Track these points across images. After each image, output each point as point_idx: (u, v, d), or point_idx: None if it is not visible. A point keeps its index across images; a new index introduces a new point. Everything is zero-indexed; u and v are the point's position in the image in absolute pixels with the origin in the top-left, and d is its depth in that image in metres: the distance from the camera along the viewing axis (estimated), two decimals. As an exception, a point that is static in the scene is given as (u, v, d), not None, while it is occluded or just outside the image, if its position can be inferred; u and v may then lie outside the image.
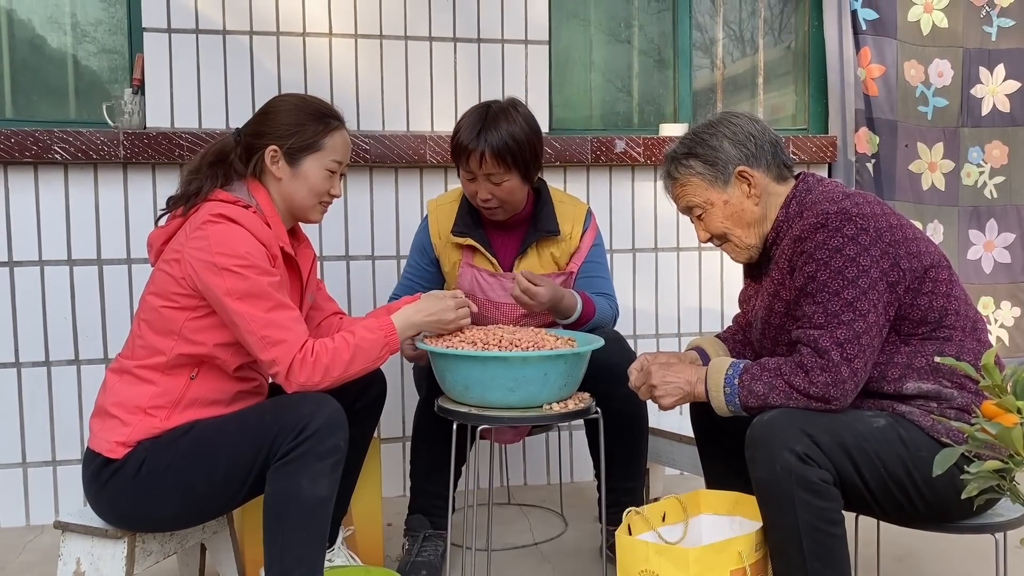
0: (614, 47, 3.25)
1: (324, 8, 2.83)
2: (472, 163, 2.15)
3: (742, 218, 1.76)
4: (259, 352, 1.68)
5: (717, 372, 1.69)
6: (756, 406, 1.63)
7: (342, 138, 1.86)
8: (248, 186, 1.81)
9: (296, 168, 1.81)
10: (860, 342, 1.57)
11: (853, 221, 1.60)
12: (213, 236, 1.67)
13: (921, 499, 1.57)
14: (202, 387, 1.73)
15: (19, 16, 2.76)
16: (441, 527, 2.21)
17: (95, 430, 1.72)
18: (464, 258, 2.31)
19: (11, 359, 2.64)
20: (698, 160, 1.76)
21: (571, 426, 3.01)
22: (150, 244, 1.81)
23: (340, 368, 1.72)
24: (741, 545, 1.58)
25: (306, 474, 1.60)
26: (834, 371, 1.57)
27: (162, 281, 1.72)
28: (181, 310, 1.70)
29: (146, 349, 1.72)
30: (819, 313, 1.60)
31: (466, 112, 2.23)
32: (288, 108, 1.84)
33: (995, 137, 3.34)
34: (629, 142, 2.99)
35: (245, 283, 1.65)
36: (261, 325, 1.66)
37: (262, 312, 1.66)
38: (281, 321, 1.68)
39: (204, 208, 1.72)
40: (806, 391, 1.58)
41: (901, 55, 3.24)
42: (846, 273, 1.58)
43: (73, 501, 2.68)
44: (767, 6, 3.38)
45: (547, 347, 1.89)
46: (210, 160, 1.81)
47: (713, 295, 3.17)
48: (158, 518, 1.72)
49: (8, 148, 2.55)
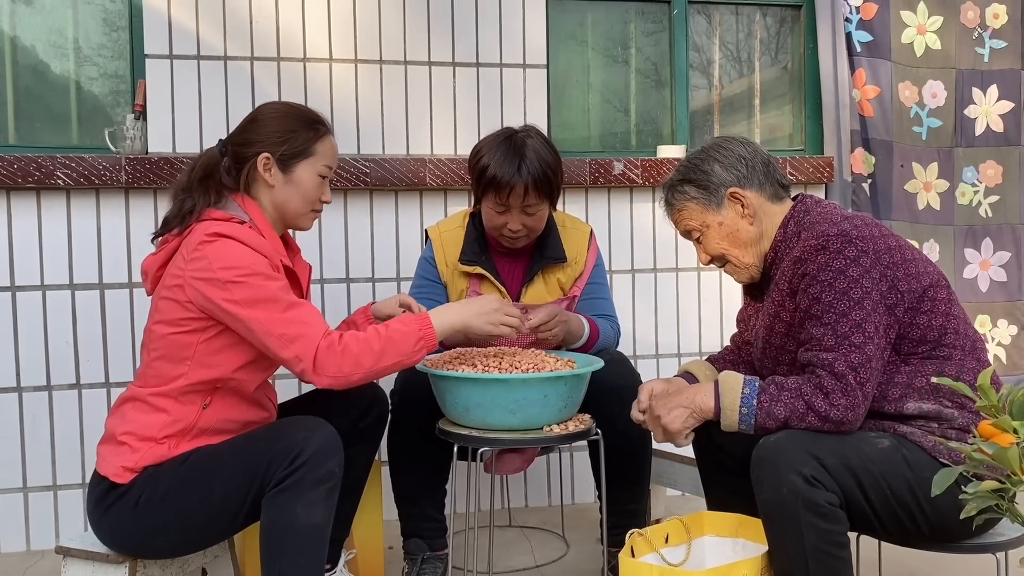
0: (612, 69, 3.28)
1: (324, 34, 2.86)
2: (513, 197, 2.11)
3: (738, 238, 1.79)
4: (280, 351, 1.64)
5: (732, 390, 1.68)
6: (772, 427, 1.63)
7: (331, 144, 1.87)
8: (239, 201, 1.78)
9: (289, 175, 1.80)
10: (871, 366, 1.59)
11: (854, 243, 1.62)
12: (212, 254, 1.65)
13: (924, 519, 1.57)
14: (213, 416, 1.72)
15: (22, 42, 2.79)
16: (438, 548, 2.21)
17: (104, 454, 1.72)
18: (471, 286, 2.28)
19: (12, 383, 2.65)
20: (692, 185, 1.81)
21: (572, 447, 3.01)
22: (145, 272, 1.79)
23: (371, 359, 1.66)
24: (746, 568, 1.57)
25: (301, 501, 1.60)
26: (852, 395, 1.58)
27: (167, 309, 1.70)
28: (192, 333, 1.69)
29: (158, 377, 1.71)
30: (829, 336, 1.61)
31: (485, 144, 2.19)
32: (277, 115, 1.83)
33: (989, 157, 3.37)
34: (627, 164, 3.02)
35: (252, 291, 1.64)
36: (278, 324, 1.63)
37: (277, 313, 1.64)
38: (298, 317, 1.65)
39: (198, 229, 1.70)
40: (826, 414, 1.58)
41: (895, 76, 3.27)
42: (851, 294, 1.60)
43: (74, 526, 2.67)
44: (763, 27, 3.42)
45: (547, 369, 1.89)
46: (199, 176, 1.78)
47: (712, 315, 3.18)
48: (157, 546, 1.71)
49: (11, 174, 2.56)
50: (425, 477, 2.18)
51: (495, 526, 2.68)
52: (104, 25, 2.84)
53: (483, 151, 2.17)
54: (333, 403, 1.94)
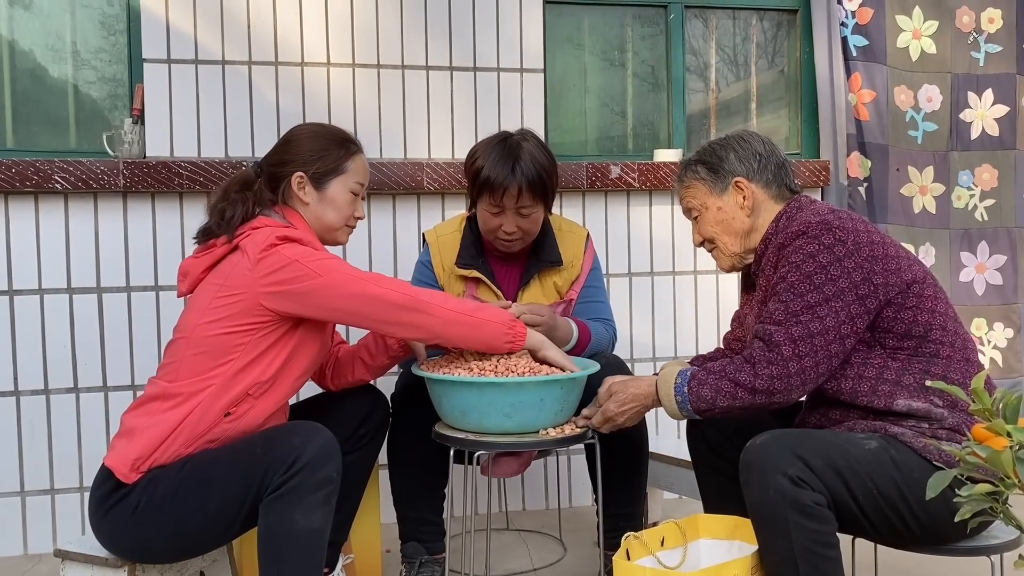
0: (608, 73, 3.29)
1: (322, 38, 2.87)
2: (507, 198, 2.13)
3: (731, 226, 1.85)
4: (403, 312, 1.75)
5: (666, 381, 1.76)
6: (707, 410, 1.70)
7: (362, 161, 1.92)
8: (281, 212, 1.85)
9: (323, 192, 1.86)
10: (813, 342, 1.62)
11: (832, 232, 1.67)
12: (291, 253, 1.71)
13: (916, 521, 1.58)
14: (232, 428, 1.71)
15: (20, 46, 2.80)
16: (436, 552, 2.21)
17: (118, 448, 1.70)
18: (468, 290, 2.29)
19: (10, 387, 2.65)
20: (704, 166, 1.89)
21: (569, 451, 3.02)
22: (185, 272, 1.81)
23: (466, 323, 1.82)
24: (737, 568, 1.58)
25: (299, 507, 1.60)
26: (782, 365, 1.63)
27: (221, 307, 1.71)
28: (247, 333, 1.71)
29: (192, 370, 1.71)
30: (779, 311, 1.66)
31: (481, 147, 2.20)
32: (309, 135, 1.89)
33: (985, 161, 3.38)
34: (624, 168, 3.03)
35: (337, 261, 1.74)
36: (397, 285, 1.77)
37: (387, 279, 1.77)
38: (385, 281, 1.78)
39: (258, 236, 1.73)
40: (751, 385, 1.64)
41: (891, 81, 3.29)
42: (814, 279, 1.65)
43: (72, 529, 2.67)
44: (760, 31, 3.43)
45: (543, 372, 1.90)
46: (236, 188, 1.85)
47: (709, 318, 3.19)
48: (155, 550, 1.71)
49: (9, 178, 2.57)
50: (424, 481, 2.18)
51: (492, 529, 2.68)
52: (102, 29, 2.85)
53: (479, 153, 2.19)
54: (335, 408, 1.94)
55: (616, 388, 1.88)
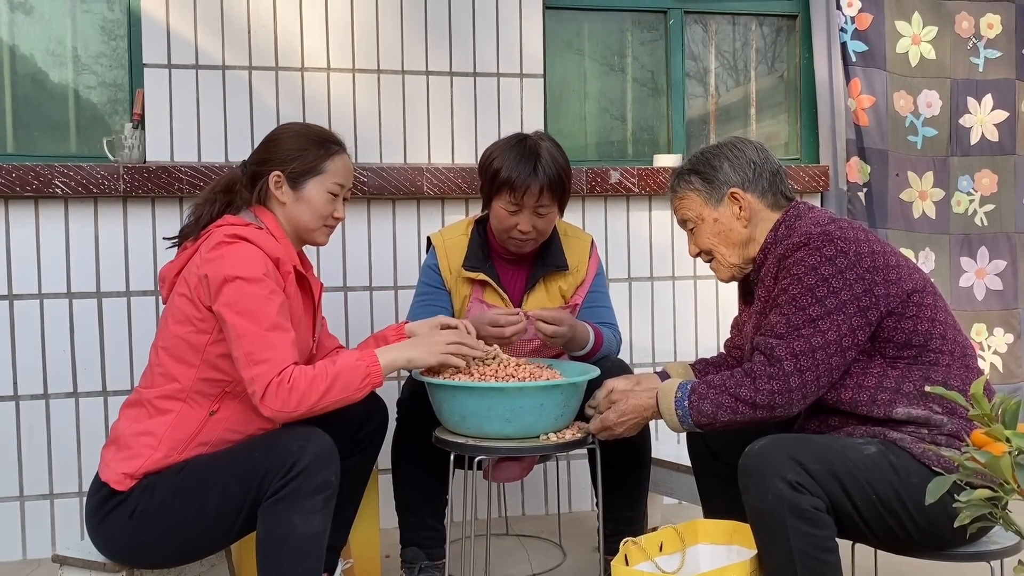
0: (608, 78, 3.30)
1: (322, 43, 2.87)
2: (527, 197, 2.14)
3: (728, 237, 1.83)
4: (242, 368, 1.66)
5: (667, 395, 1.76)
6: (708, 424, 1.70)
7: (343, 162, 1.90)
8: (255, 211, 1.84)
9: (299, 191, 1.84)
10: (815, 356, 1.62)
11: (834, 243, 1.66)
12: (228, 254, 1.69)
13: (915, 526, 1.58)
14: (220, 426, 1.72)
15: (21, 51, 2.81)
16: (436, 557, 2.21)
17: (107, 459, 1.72)
18: (474, 292, 2.30)
19: (10, 392, 2.65)
20: (698, 177, 1.86)
21: (570, 455, 3.02)
22: (163, 278, 1.83)
23: (315, 396, 1.66)
24: (735, 573, 1.58)
25: (298, 511, 1.60)
26: (783, 380, 1.62)
27: (182, 306, 1.73)
28: (201, 333, 1.71)
29: (165, 377, 1.73)
30: (781, 324, 1.66)
31: (497, 148, 2.21)
32: (290, 135, 1.88)
33: (984, 166, 3.38)
34: (624, 173, 3.03)
35: (247, 299, 1.65)
36: (251, 340, 1.64)
37: (260, 329, 1.65)
38: (273, 342, 1.65)
39: (216, 232, 1.74)
40: (752, 400, 1.64)
41: (890, 86, 3.29)
42: (816, 291, 1.64)
43: (71, 534, 2.67)
44: (759, 37, 3.44)
45: (543, 378, 1.90)
46: (219, 190, 1.86)
47: (709, 322, 3.19)
48: (153, 555, 1.72)
49: (9, 182, 2.57)
50: (426, 486, 2.18)
51: (492, 534, 2.68)
52: (102, 34, 2.85)
53: (495, 154, 2.20)
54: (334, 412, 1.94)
55: (617, 397, 1.87)
